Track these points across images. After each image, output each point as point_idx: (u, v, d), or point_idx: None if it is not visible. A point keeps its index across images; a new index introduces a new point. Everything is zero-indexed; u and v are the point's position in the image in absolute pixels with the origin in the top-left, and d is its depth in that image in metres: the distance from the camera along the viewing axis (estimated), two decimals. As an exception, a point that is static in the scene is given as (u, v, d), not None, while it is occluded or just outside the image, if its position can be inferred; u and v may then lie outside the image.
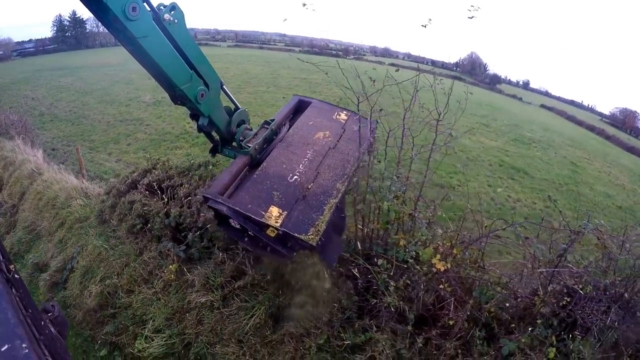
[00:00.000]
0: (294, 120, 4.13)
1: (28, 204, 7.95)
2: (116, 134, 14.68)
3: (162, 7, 2.61)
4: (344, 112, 4.33)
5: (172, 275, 4.17)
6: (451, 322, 3.02)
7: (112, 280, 4.72)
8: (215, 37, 79.29)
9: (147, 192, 5.32)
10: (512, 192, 13.35)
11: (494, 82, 58.58)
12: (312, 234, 2.82)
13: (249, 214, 2.88)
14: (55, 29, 51.53)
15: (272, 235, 2.94)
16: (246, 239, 3.18)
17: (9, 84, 24.85)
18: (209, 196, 3.07)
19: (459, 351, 2.98)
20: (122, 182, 5.88)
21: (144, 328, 4.02)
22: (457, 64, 67.84)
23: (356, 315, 3.27)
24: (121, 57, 30.63)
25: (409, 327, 3.07)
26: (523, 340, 2.94)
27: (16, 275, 1.09)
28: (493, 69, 63.68)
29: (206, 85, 3.05)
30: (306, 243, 2.80)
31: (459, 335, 3.06)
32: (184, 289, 4.04)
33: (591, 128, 47.12)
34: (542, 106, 53.20)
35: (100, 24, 2.65)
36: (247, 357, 3.29)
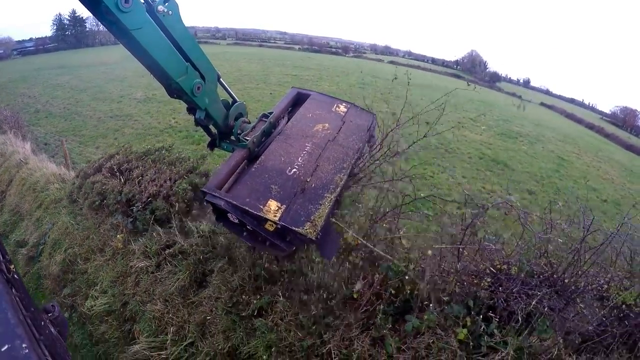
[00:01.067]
0: (292, 113, 4.12)
1: (14, 189, 8.67)
2: (105, 129, 15.37)
3: None
4: (344, 104, 4.31)
5: (120, 244, 4.78)
6: (355, 296, 3.23)
7: (73, 249, 5.34)
8: (216, 35, 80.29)
9: (108, 174, 5.93)
10: (488, 183, 13.68)
11: (493, 80, 58.74)
12: (310, 228, 2.82)
13: (247, 208, 2.88)
14: (55, 27, 52.65)
15: (271, 229, 2.92)
16: (245, 233, 3.14)
17: (7, 82, 25.70)
18: (206, 191, 3.05)
19: (361, 323, 3.18)
20: (90, 167, 6.52)
21: (95, 290, 4.62)
22: (457, 62, 68.05)
23: (266, 281, 3.72)
24: (119, 56, 31.49)
25: (312, 296, 3.30)
26: (426, 317, 2.97)
27: (16, 276, 1.09)
28: (493, 67, 63.97)
29: (203, 78, 3.05)
30: (305, 237, 2.80)
31: (364, 309, 3.22)
32: (128, 256, 4.64)
33: (590, 126, 47.10)
34: (542, 104, 53.24)
35: (99, 22, 2.67)
36: (170, 315, 3.86)
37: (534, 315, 2.98)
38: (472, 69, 63.76)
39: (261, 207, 2.90)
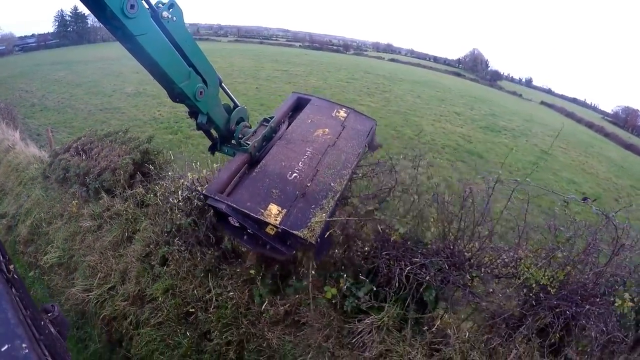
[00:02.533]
0: (293, 118, 4.21)
1: (1, 171, 9.69)
2: (94, 121, 16.37)
3: (160, 5, 2.67)
4: (343, 109, 4.39)
5: (74, 209, 5.70)
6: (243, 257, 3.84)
7: (40, 215, 6.27)
8: (218, 32, 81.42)
9: (74, 152, 6.85)
10: (456, 173, 14.26)
11: (494, 79, 59.03)
12: (309, 232, 2.88)
13: (248, 212, 2.94)
14: (57, 24, 53.92)
15: (272, 233, 2.99)
16: (245, 237, 3.22)
17: (6, 77, 26.92)
18: (208, 194, 3.13)
19: (247, 280, 3.66)
20: (61, 148, 7.46)
21: (51, 246, 5.54)
22: (459, 61, 68.40)
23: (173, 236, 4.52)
24: (119, 52, 32.53)
25: (207, 250, 3.97)
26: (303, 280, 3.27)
27: (16, 276, 1.10)
28: (495, 66, 64.23)
29: (205, 82, 3.11)
30: (306, 241, 2.86)
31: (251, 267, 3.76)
32: (79, 219, 5.55)
33: (590, 125, 47.25)
34: (542, 103, 53.48)
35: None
36: (101, 264, 4.74)
37: (417, 286, 3.06)
38: (473, 67, 64.07)
39: (262, 211, 2.97)
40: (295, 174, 3.36)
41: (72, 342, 4.47)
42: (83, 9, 57.33)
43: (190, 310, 3.63)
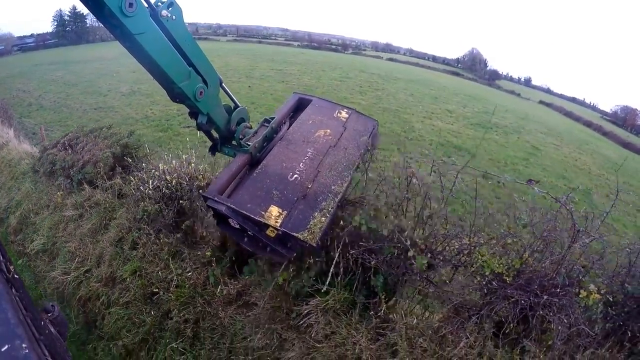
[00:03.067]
0: (294, 118, 4.20)
1: (-5, 166, 10.10)
2: (88, 119, 16.77)
3: (159, 3, 2.65)
4: (345, 109, 4.37)
5: (59, 199, 6.07)
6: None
7: (28, 206, 6.66)
8: (217, 31, 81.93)
9: (61, 147, 7.23)
10: (442, 167, 14.61)
11: (492, 78, 59.32)
12: (309, 234, 2.86)
13: (248, 214, 2.92)
14: (55, 23, 54.41)
15: (272, 235, 2.97)
16: (246, 239, 3.20)
17: (4, 77, 27.40)
18: (207, 195, 3.12)
19: (206, 262, 4.00)
20: (50, 143, 7.84)
21: (36, 234, 5.92)
22: (458, 60, 68.69)
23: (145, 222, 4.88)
24: (117, 52, 33.06)
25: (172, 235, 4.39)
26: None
27: (16, 276, 1.11)
28: (494, 65, 64.57)
29: (205, 82, 3.10)
30: (306, 243, 2.84)
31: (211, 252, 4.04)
32: (63, 209, 5.92)
33: (588, 124, 47.48)
34: (541, 102, 53.73)
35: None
36: (80, 250, 5.11)
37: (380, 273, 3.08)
38: (472, 67, 64.36)
39: (262, 212, 2.94)
40: (296, 175, 3.32)
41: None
42: (82, 9, 57.31)
43: (155, 290, 3.97)
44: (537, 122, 30.10)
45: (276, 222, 2.92)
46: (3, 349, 0.79)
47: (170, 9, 2.69)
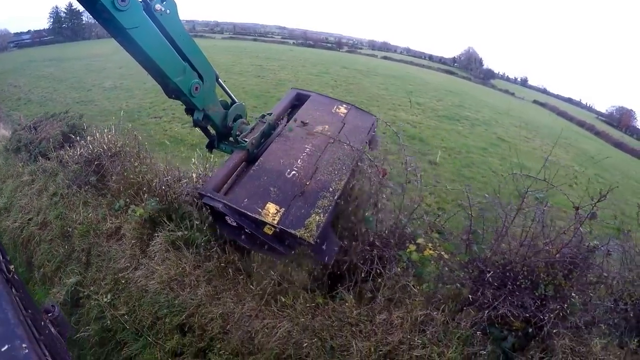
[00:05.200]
0: (292, 114, 4.22)
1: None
2: (78, 115, 18.52)
3: None
4: (344, 105, 4.40)
5: (20, 169, 7.67)
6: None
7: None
8: (214, 29, 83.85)
9: (28, 129, 8.86)
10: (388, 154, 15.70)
11: (487, 77, 60.59)
12: (307, 232, 2.88)
13: (246, 211, 2.94)
14: (52, 20, 56.29)
15: (269, 232, 2.99)
16: (243, 236, 3.22)
17: (-2, 73, 29.30)
18: (204, 193, 3.13)
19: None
20: (20, 127, 9.49)
21: (1, 197, 7.53)
22: (454, 59, 70.03)
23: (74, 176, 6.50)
24: (111, 48, 34.84)
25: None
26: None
27: (16, 276, 1.17)
28: (490, 64, 65.92)
29: (201, 78, 3.08)
30: (304, 240, 2.86)
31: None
32: (21, 177, 7.53)
33: (581, 124, 48.52)
34: (535, 102, 54.89)
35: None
36: (28, 205, 6.65)
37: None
38: (468, 66, 65.67)
39: (260, 210, 2.97)
40: (294, 172, 3.34)
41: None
42: (78, 6, 59.84)
43: (68, 229, 5.42)
44: (516, 117, 30.50)
45: (273, 219, 2.94)
46: (3, 349, 0.82)
47: (164, 2, 2.72)
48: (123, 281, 4.22)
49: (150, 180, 5.02)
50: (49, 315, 1.21)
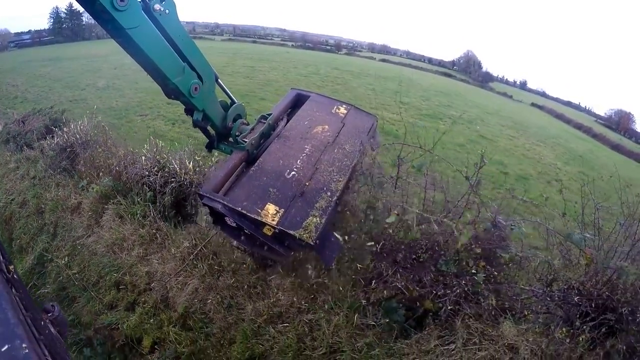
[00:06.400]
0: (291, 115, 4.28)
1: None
2: (61, 110, 19.61)
3: None
4: (344, 105, 4.47)
5: (8, 158, 8.66)
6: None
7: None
8: (214, 30, 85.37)
9: (17, 123, 9.89)
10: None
11: (485, 80, 61.51)
12: (306, 233, 2.91)
13: (245, 212, 2.99)
14: (52, 20, 57.63)
15: (269, 233, 3.03)
16: (243, 237, 3.27)
17: (-4, 73, 30.59)
18: (203, 193, 3.17)
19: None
20: (11, 121, 10.53)
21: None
22: (453, 62, 71.08)
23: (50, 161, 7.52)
24: (110, 49, 36.08)
25: None
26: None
27: (16, 276, 1.17)
28: (489, 67, 66.94)
29: (200, 78, 3.14)
30: (304, 241, 2.90)
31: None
32: (7, 165, 8.52)
33: (578, 126, 49.13)
34: (532, 104, 55.69)
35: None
36: (12, 187, 7.64)
37: None
38: (466, 69, 66.63)
39: (259, 210, 3.00)
40: (293, 173, 3.38)
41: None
42: (78, 7, 61.30)
43: (42, 206, 6.33)
44: (505, 117, 30.93)
45: (273, 220, 2.98)
46: (3, 349, 0.83)
47: (163, 2, 2.75)
48: (79, 247, 5.16)
49: (111, 163, 5.98)
50: (49, 315, 1.23)
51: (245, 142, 3.59)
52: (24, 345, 0.85)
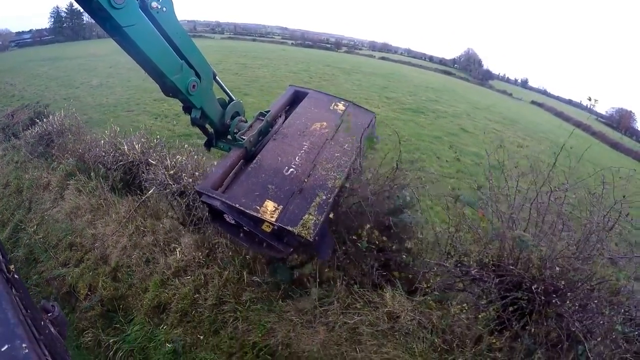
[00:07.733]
0: (290, 112, 4.32)
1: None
2: (55, 108, 20.87)
3: None
4: (342, 102, 4.51)
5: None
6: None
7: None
8: (215, 29, 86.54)
9: (7, 117, 11.12)
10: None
11: (486, 78, 62.05)
12: (305, 229, 2.97)
13: (244, 209, 3.03)
14: (52, 20, 58.95)
15: (268, 230, 3.07)
16: (241, 234, 3.29)
17: (-5, 72, 32.09)
18: (202, 191, 3.20)
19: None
20: (2, 115, 11.78)
21: None
22: (454, 60, 71.70)
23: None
24: (109, 48, 37.07)
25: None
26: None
27: (16, 276, 1.17)
28: (490, 65, 67.40)
29: (198, 76, 3.17)
30: (302, 238, 2.95)
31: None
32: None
33: (578, 124, 49.36)
34: (532, 102, 56.12)
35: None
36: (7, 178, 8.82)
37: None
38: (467, 67, 67.20)
39: (258, 207, 3.05)
40: (292, 169, 3.42)
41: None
42: (78, 6, 62.46)
43: (21, 186, 7.45)
44: (496, 113, 30.90)
45: (272, 216, 3.03)
46: (3, 349, 0.84)
47: (160, 0, 2.79)
48: (46, 217, 6.28)
49: (78, 147, 7.11)
50: (49, 315, 1.23)
51: (244, 139, 3.68)
52: (24, 345, 0.87)
